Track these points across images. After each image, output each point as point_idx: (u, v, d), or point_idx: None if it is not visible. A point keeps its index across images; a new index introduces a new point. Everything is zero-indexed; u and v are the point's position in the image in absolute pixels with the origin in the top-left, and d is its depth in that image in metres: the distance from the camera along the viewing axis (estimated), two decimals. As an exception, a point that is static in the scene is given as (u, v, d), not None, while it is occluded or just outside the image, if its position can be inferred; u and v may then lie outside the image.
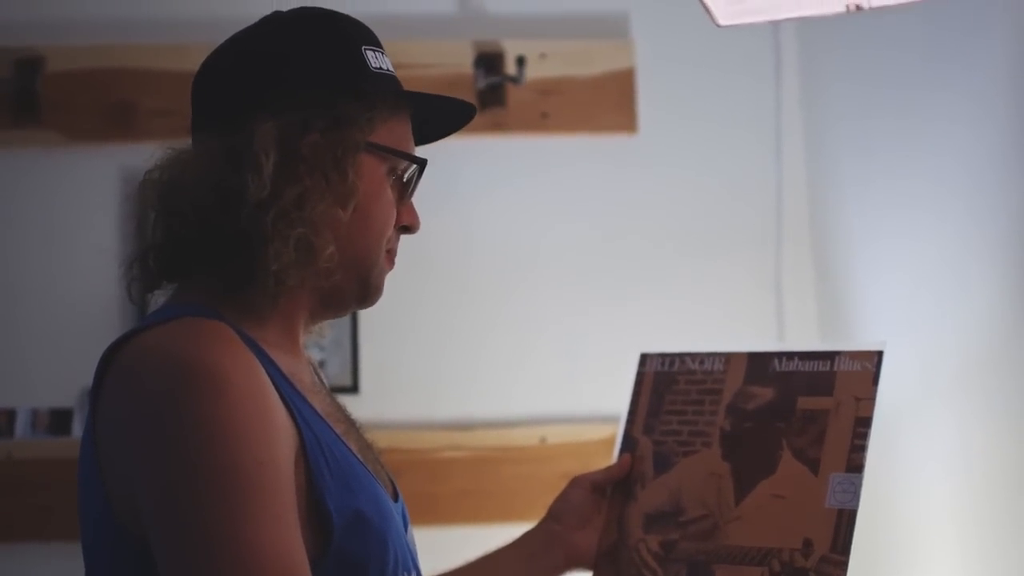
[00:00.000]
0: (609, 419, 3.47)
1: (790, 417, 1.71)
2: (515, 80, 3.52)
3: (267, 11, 1.74)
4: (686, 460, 1.79)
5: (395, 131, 1.60)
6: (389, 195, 1.60)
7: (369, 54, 1.61)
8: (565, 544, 1.85)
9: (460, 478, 3.43)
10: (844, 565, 1.60)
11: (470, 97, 3.50)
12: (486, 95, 3.52)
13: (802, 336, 3.55)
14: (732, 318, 3.56)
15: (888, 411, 2.97)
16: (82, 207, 3.48)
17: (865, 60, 3.26)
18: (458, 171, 3.56)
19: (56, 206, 3.50)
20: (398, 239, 1.64)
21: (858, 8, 1.78)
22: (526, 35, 3.60)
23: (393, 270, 1.67)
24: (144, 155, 1.63)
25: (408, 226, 1.64)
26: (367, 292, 1.62)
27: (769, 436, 1.72)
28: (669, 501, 1.78)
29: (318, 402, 1.56)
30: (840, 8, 1.78)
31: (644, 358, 1.92)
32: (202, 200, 1.51)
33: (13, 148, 3.49)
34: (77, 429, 3.35)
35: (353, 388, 3.42)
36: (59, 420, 3.37)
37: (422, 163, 1.63)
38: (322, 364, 1.80)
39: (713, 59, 3.63)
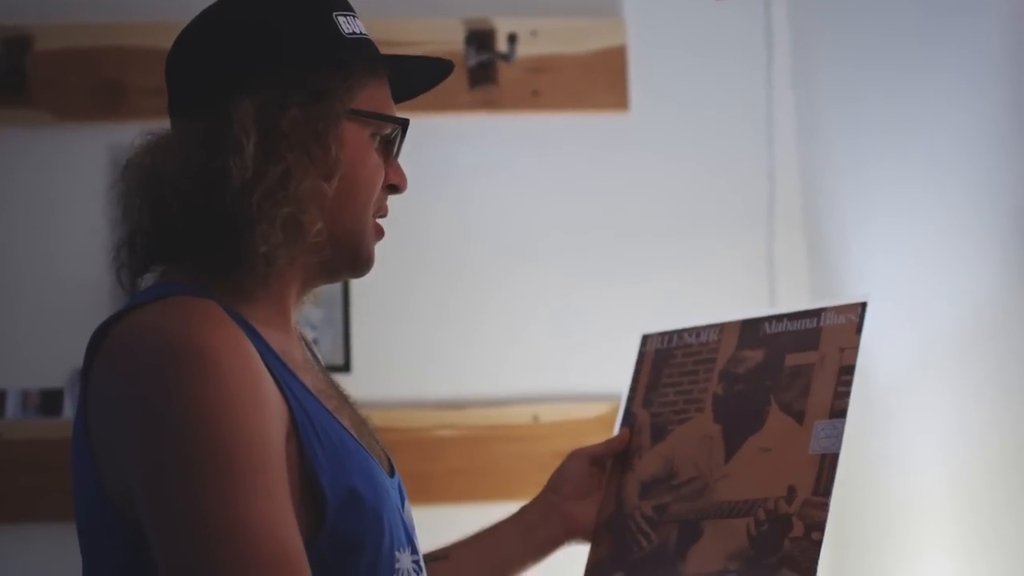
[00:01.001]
0: (601, 397, 3.47)
1: (778, 375, 1.73)
2: (506, 58, 3.51)
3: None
4: (680, 427, 1.81)
5: (375, 95, 1.59)
6: (375, 159, 1.59)
7: (341, 20, 1.59)
8: (563, 515, 1.86)
9: (453, 457, 3.43)
10: (825, 506, 1.62)
11: (461, 74, 3.49)
12: (477, 73, 3.51)
13: (794, 314, 3.56)
14: (724, 297, 3.55)
15: (884, 390, 2.98)
16: (72, 187, 3.47)
17: (857, 40, 3.26)
18: (449, 149, 3.55)
19: (45, 186, 3.48)
20: (386, 199, 1.63)
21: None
22: (517, 12, 3.59)
23: (384, 247, 1.66)
24: (133, 134, 1.62)
25: (395, 185, 1.63)
26: (358, 261, 1.60)
27: (758, 395, 1.75)
28: (663, 467, 1.80)
29: (310, 379, 1.54)
30: None
31: (645, 338, 1.95)
32: (185, 185, 1.50)
33: (2, 127, 3.47)
34: (68, 410, 3.35)
35: (345, 367, 3.42)
36: (50, 401, 3.37)
37: (404, 123, 1.61)
38: (315, 342, 1.78)
39: (705, 38, 3.63)
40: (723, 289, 3.56)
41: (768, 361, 1.76)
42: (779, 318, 1.79)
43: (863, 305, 1.71)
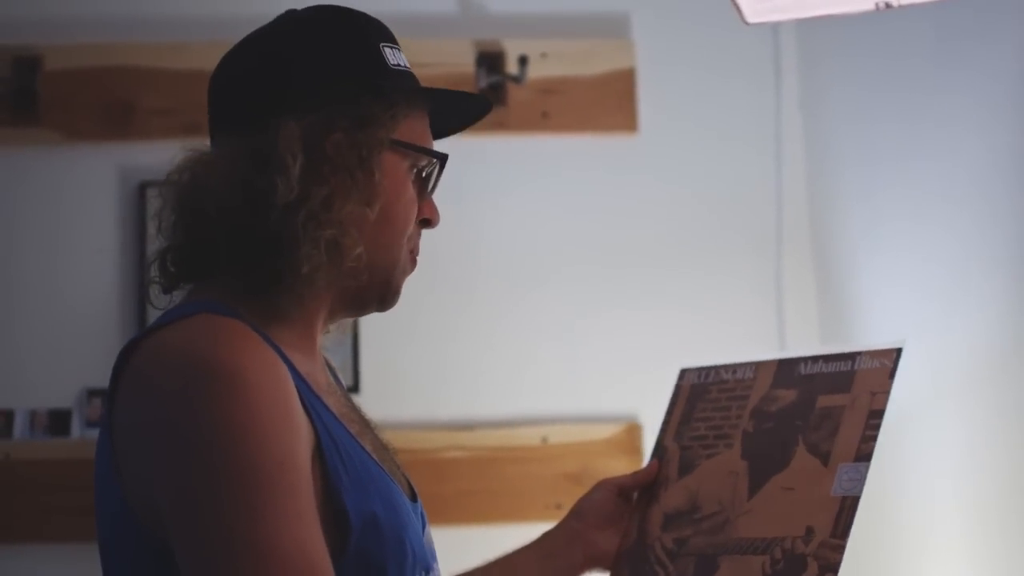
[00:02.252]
0: (610, 419, 3.47)
1: (808, 415, 1.73)
2: (516, 79, 3.52)
3: (265, 9, 1.73)
4: (707, 462, 1.81)
5: (415, 127, 1.60)
6: (411, 192, 1.60)
7: (387, 51, 1.60)
8: (585, 542, 1.85)
9: (462, 478, 3.43)
10: (841, 548, 1.61)
11: (471, 96, 3.50)
12: (487, 94, 3.52)
13: (802, 340, 3.55)
14: (732, 319, 3.56)
15: (896, 415, 2.96)
16: (81, 206, 3.48)
17: (866, 63, 3.26)
18: (459, 170, 3.51)
19: (55, 205, 3.49)
20: (419, 236, 1.64)
21: (887, 6, 1.76)
22: (527, 34, 3.60)
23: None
24: (143, 154, 1.63)
25: (428, 219, 1.64)
26: (388, 293, 1.61)
27: (786, 434, 1.74)
28: (687, 501, 1.80)
29: (333, 403, 1.55)
30: (869, 6, 1.77)
31: (683, 372, 1.95)
32: (228, 202, 1.50)
33: (12, 147, 3.48)
34: (76, 430, 3.35)
35: (354, 388, 3.42)
36: (57, 421, 3.36)
37: (443, 158, 1.63)
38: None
39: (713, 60, 3.64)
40: (731, 313, 3.57)
41: (800, 401, 1.76)
42: (815, 359, 1.78)
43: (898, 351, 1.72)
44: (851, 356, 1.75)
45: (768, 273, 3.61)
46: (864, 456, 1.64)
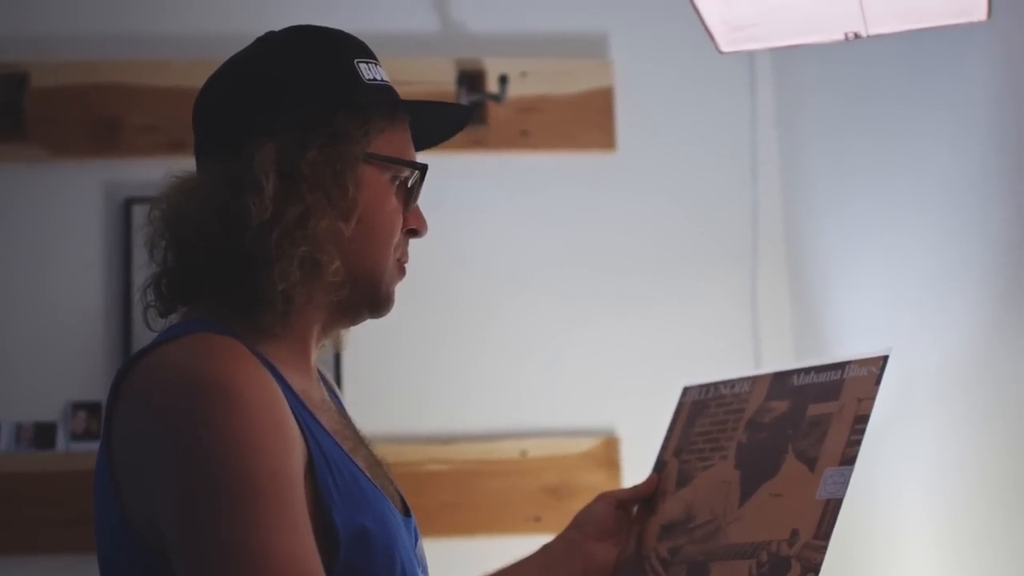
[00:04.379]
0: (589, 432, 3.51)
1: (799, 424, 1.76)
2: (497, 98, 3.55)
3: (249, 27, 1.77)
4: (703, 473, 1.84)
5: (394, 140, 1.62)
6: (393, 203, 1.62)
7: (362, 66, 1.63)
8: (584, 554, 1.86)
9: (443, 490, 3.46)
10: (823, 549, 1.64)
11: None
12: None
13: (777, 350, 3.59)
14: (708, 334, 3.59)
15: (868, 424, 3.00)
16: (67, 222, 3.50)
17: (840, 80, 3.29)
18: (440, 187, 3.55)
19: (41, 221, 3.51)
20: (407, 244, 1.67)
21: (856, 36, 1.82)
22: (508, 54, 3.64)
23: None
24: (128, 170, 1.67)
25: (415, 229, 1.67)
26: (377, 302, 1.64)
27: (777, 442, 1.77)
28: (683, 511, 1.82)
29: (326, 419, 1.58)
30: (839, 36, 1.82)
31: (685, 390, 1.98)
32: (206, 226, 1.53)
33: (-1, 163, 3.50)
34: (61, 443, 3.37)
35: (336, 401, 3.44)
36: (43, 434, 3.38)
37: (423, 168, 1.65)
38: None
39: (690, 79, 3.68)
40: (708, 325, 3.60)
41: (791, 411, 1.78)
42: (807, 370, 1.81)
43: (885, 358, 1.75)
44: (840, 366, 1.78)
45: (744, 286, 3.65)
46: (848, 460, 1.67)
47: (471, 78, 3.58)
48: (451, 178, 3.58)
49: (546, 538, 3.30)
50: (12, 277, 3.50)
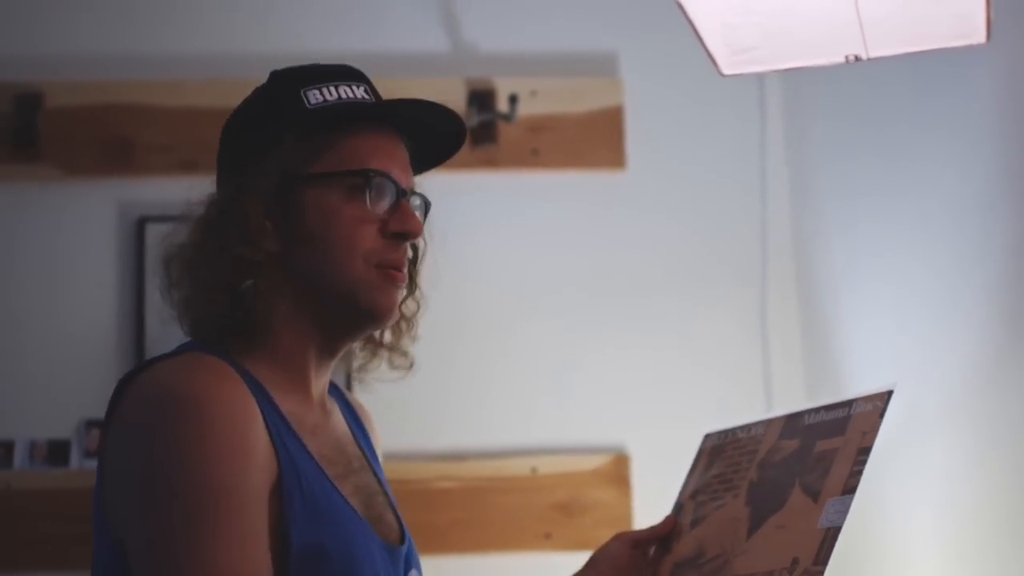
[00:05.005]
0: (598, 450, 3.52)
1: (807, 460, 1.78)
2: (507, 117, 3.57)
3: (259, 48, 1.83)
4: (716, 513, 1.86)
5: (344, 154, 1.67)
6: (350, 213, 1.66)
7: (309, 93, 1.69)
8: None
9: (454, 507, 3.46)
10: (820, 574, 1.65)
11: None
12: (478, 132, 3.57)
13: (786, 371, 3.60)
14: (718, 352, 3.61)
15: (877, 446, 3.01)
16: (81, 241, 3.52)
17: (849, 102, 3.30)
18: (450, 205, 3.57)
19: (55, 240, 3.53)
20: (394, 248, 1.70)
21: (856, 59, 1.84)
22: (518, 73, 3.66)
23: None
24: (142, 189, 1.75)
25: (399, 232, 1.69)
26: (361, 313, 1.68)
27: (785, 478, 1.79)
28: (695, 548, 1.85)
29: (316, 443, 1.63)
30: (839, 59, 1.85)
31: (705, 437, 2.01)
32: (189, 264, 1.65)
33: (13, 182, 3.53)
34: (75, 460, 3.39)
35: (347, 419, 3.46)
36: (57, 451, 3.40)
37: (364, 174, 1.67)
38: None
39: (699, 99, 3.69)
40: (717, 344, 3.61)
41: (800, 449, 1.80)
42: (817, 410, 1.83)
43: (889, 393, 1.76)
44: (848, 403, 1.80)
45: (753, 306, 3.66)
46: (850, 489, 1.69)
47: (481, 97, 3.60)
48: (461, 196, 3.60)
49: (556, 555, 3.34)
50: (26, 295, 3.52)
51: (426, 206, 1.77)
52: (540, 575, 3.29)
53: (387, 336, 1.80)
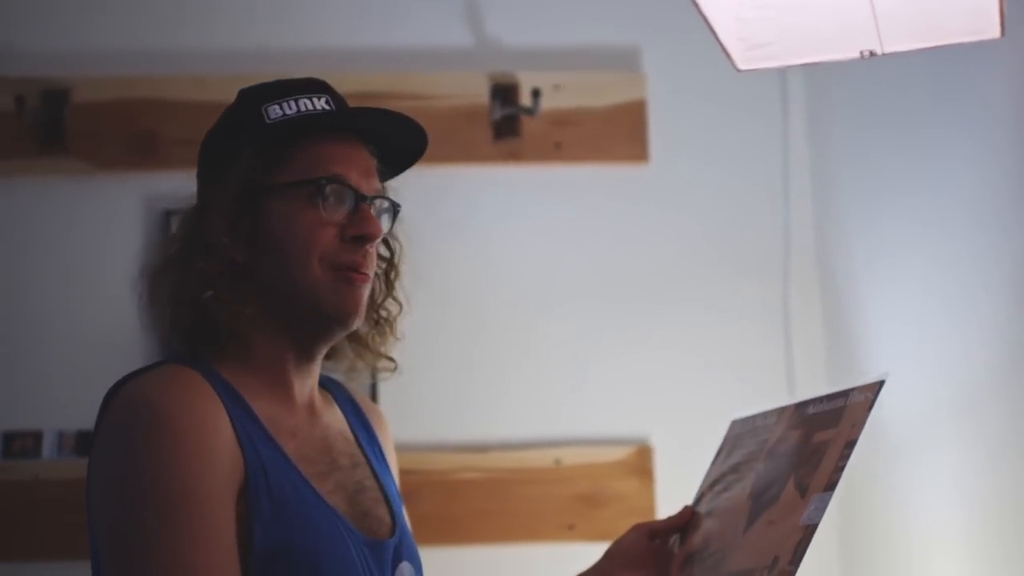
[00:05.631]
0: (622, 441, 3.53)
1: (803, 452, 1.77)
2: (530, 111, 3.59)
3: (282, 43, 1.87)
4: (724, 503, 1.86)
5: (303, 161, 1.73)
6: (311, 218, 1.72)
7: (269, 109, 1.76)
8: None
9: (476, 499, 3.49)
10: (792, 574, 1.65)
11: (485, 127, 3.58)
12: (501, 126, 3.59)
13: (808, 365, 3.61)
14: (740, 345, 3.62)
15: (898, 440, 3.03)
16: (107, 234, 3.55)
17: (872, 98, 3.31)
18: (474, 199, 3.62)
19: (82, 233, 3.57)
20: (356, 251, 1.74)
21: (871, 54, 1.85)
22: (541, 67, 3.67)
23: (409, 295, 1.77)
24: (167, 183, 1.80)
25: (356, 236, 1.74)
26: (323, 315, 1.73)
27: (784, 471, 1.79)
28: (703, 540, 1.85)
29: (295, 444, 1.69)
30: (854, 54, 1.86)
31: (732, 423, 1.99)
32: (163, 275, 1.74)
33: (41, 176, 3.57)
34: (102, 451, 3.41)
35: (372, 411, 3.48)
36: (85, 441, 3.41)
37: (317, 182, 1.72)
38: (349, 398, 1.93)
39: (722, 93, 3.69)
40: (739, 338, 3.63)
41: (801, 440, 1.80)
42: (820, 399, 1.83)
43: (880, 383, 1.75)
44: (845, 393, 1.79)
45: (775, 300, 3.67)
46: (831, 485, 1.68)
47: (504, 91, 3.62)
48: (485, 190, 3.62)
49: (580, 546, 3.35)
50: (54, 288, 3.56)
51: (394, 209, 1.80)
52: (563, 566, 3.29)
53: (371, 339, 1.84)
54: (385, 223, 1.78)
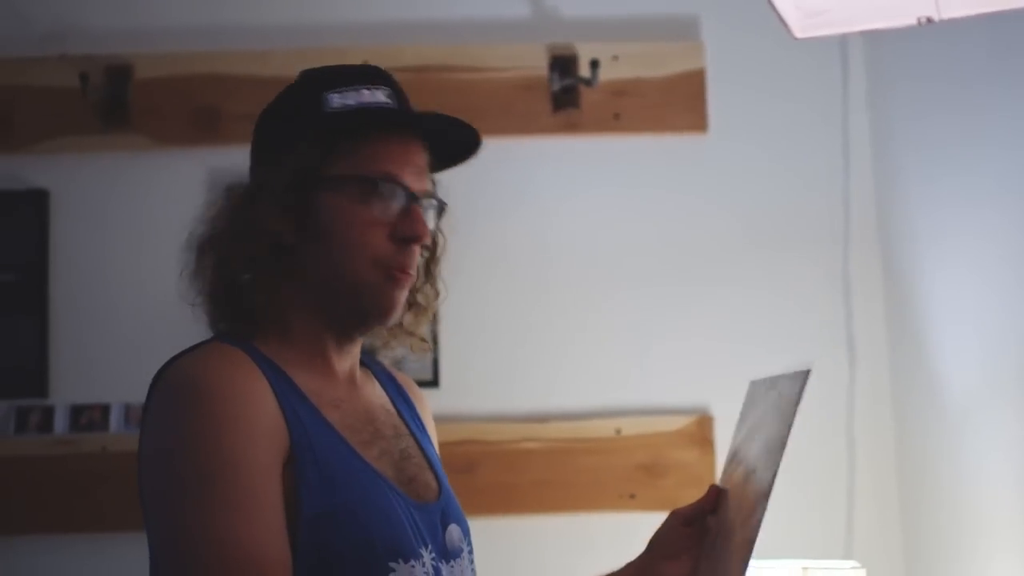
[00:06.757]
0: (681, 411, 3.55)
1: (770, 438, 1.74)
2: (588, 82, 3.59)
3: (346, 16, 1.86)
4: (732, 480, 1.84)
5: (358, 156, 1.72)
6: (363, 216, 1.72)
7: (331, 96, 1.74)
8: (655, 574, 1.88)
9: (537, 468, 3.51)
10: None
11: (544, 99, 3.59)
12: (560, 97, 3.60)
13: (869, 333, 3.61)
14: (801, 314, 3.62)
15: (955, 406, 3.02)
16: (170, 208, 3.55)
17: (931, 59, 3.30)
18: (533, 170, 3.64)
19: (145, 208, 3.62)
20: (403, 252, 1.74)
21: (928, 20, 1.84)
22: (599, 38, 3.68)
23: (469, 267, 1.77)
24: (229, 157, 1.80)
25: (407, 237, 1.74)
26: (363, 311, 1.74)
27: (756, 455, 1.77)
28: (720, 520, 1.85)
29: (339, 415, 1.71)
30: (911, 20, 1.85)
31: (751, 385, 1.95)
32: (218, 256, 1.77)
33: (104, 152, 3.62)
34: (168, 423, 3.46)
35: (434, 382, 3.52)
36: (151, 414, 3.47)
37: (373, 180, 1.72)
38: (402, 360, 1.94)
39: (781, 60, 3.70)
40: (800, 305, 3.62)
41: (769, 418, 1.77)
42: (784, 377, 1.77)
43: (806, 374, 1.69)
44: (802, 375, 1.71)
45: (836, 266, 3.67)
46: (767, 491, 1.65)
47: (563, 63, 3.63)
48: (544, 161, 3.64)
49: (640, 515, 3.37)
50: (119, 263, 3.61)
51: (441, 207, 1.81)
52: (623, 535, 3.31)
53: (407, 320, 1.86)
54: (431, 220, 1.80)
